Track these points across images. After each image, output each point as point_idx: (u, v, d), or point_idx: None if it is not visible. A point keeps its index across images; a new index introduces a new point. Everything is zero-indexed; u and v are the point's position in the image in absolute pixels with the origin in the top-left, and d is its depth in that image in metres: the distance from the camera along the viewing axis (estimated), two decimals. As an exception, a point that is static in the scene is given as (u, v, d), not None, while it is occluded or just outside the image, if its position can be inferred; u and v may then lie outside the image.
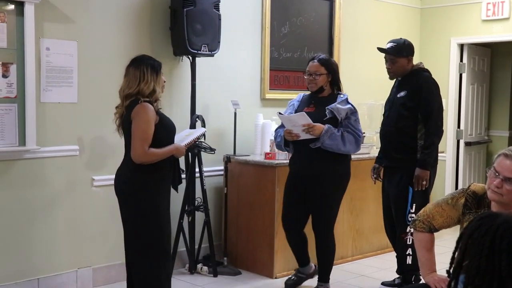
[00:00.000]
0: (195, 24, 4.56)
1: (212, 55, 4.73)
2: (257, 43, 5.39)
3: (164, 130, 3.46)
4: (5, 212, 3.98)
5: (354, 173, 5.17)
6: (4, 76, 3.90)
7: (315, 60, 4.15)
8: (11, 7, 3.89)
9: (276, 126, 5.17)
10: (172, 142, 3.52)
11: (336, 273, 4.91)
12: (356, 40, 6.24)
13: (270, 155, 4.80)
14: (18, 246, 4.04)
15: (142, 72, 3.41)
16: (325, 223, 4.19)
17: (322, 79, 4.11)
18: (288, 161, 4.78)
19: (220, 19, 4.71)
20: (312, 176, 4.10)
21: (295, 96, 5.55)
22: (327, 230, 4.20)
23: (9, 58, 3.91)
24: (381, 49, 4.41)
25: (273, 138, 4.94)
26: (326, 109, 4.01)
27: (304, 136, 4.00)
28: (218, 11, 4.71)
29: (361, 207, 5.37)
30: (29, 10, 3.91)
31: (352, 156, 5.25)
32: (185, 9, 4.49)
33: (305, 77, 4.18)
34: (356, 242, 5.36)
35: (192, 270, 4.76)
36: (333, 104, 4.02)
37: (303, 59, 5.76)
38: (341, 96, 4.13)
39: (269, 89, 5.49)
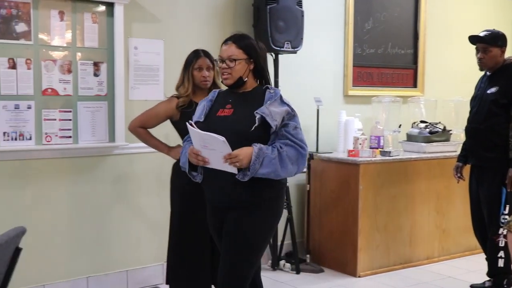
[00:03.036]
0: (278, 21, 4.56)
1: (295, 52, 4.72)
2: (340, 39, 5.34)
3: (184, 129, 3.13)
4: (96, 206, 4.13)
5: (440, 171, 5.08)
6: (96, 75, 4.04)
7: (229, 41, 2.88)
8: (102, 8, 4.04)
9: (360, 123, 5.14)
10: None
11: (422, 274, 4.81)
12: (443, 35, 6.06)
13: (353, 152, 4.74)
14: (108, 239, 4.18)
15: None
16: (235, 277, 2.78)
17: (240, 67, 2.81)
18: (372, 158, 4.73)
19: (303, 16, 4.69)
20: (229, 207, 2.80)
21: (379, 93, 5.51)
22: (236, 285, 2.79)
23: (100, 58, 4.06)
24: (474, 37, 4.23)
25: (357, 135, 4.90)
26: (255, 114, 2.69)
27: (216, 165, 2.69)
28: (301, 7, 4.70)
29: (447, 206, 5.21)
30: (118, 10, 4.04)
31: (439, 154, 5.17)
32: (268, 7, 4.51)
33: (218, 65, 2.95)
34: (443, 243, 5.20)
35: (275, 266, 4.77)
36: (263, 107, 2.71)
37: (387, 55, 5.66)
38: (271, 91, 2.83)
39: (352, 86, 5.43)
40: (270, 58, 4.75)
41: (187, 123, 2.72)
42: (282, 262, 4.79)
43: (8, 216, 3.73)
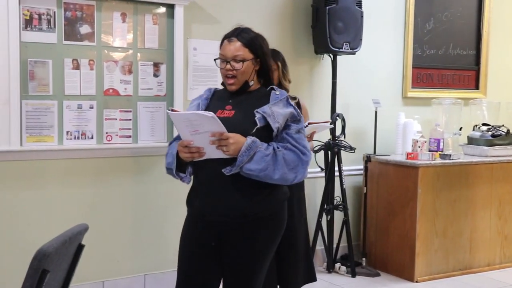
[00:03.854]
0: (337, 22, 4.53)
1: (353, 53, 4.67)
2: (399, 40, 5.26)
3: None
4: (154, 205, 4.20)
5: (503, 176, 4.93)
6: (155, 75, 4.11)
7: (233, 38, 2.52)
8: (163, 10, 4.10)
9: (419, 125, 5.04)
10: None
11: (483, 281, 4.68)
12: (508, 35, 5.87)
13: (412, 155, 4.66)
14: (165, 238, 4.22)
15: None
16: None
17: (247, 69, 2.51)
18: (431, 161, 4.63)
19: (362, 16, 4.64)
20: (228, 222, 2.46)
21: (439, 94, 5.40)
22: None
23: (160, 58, 4.12)
24: None
25: (415, 137, 4.81)
26: (255, 113, 2.42)
27: (212, 153, 2.37)
28: (361, 8, 4.64)
29: (510, 211, 5.05)
30: (178, 12, 4.10)
31: (501, 158, 5.01)
32: (327, 7, 4.48)
33: (219, 66, 2.57)
34: (505, 249, 5.04)
35: (330, 269, 4.74)
36: (265, 107, 2.44)
37: (448, 56, 5.54)
38: (276, 93, 2.53)
39: (411, 87, 5.33)
40: (328, 59, 4.74)
41: (167, 111, 2.35)
42: (337, 265, 4.75)
43: (71, 213, 3.84)
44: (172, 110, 2.36)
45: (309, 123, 3.40)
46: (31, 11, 3.68)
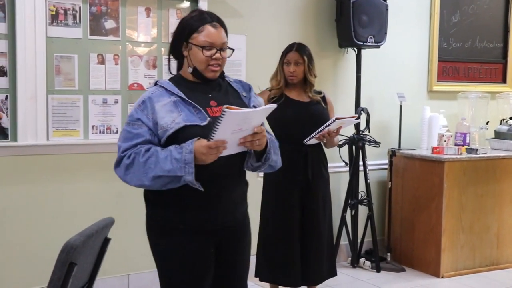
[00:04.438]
0: (362, 16, 4.49)
1: (378, 47, 4.63)
2: (424, 33, 5.20)
3: (275, 119, 3.34)
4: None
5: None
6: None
7: (216, 23, 2.25)
8: (187, 4, 4.11)
9: (444, 120, 4.99)
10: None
11: (510, 277, 4.63)
12: (535, 28, 5.78)
13: (438, 149, 4.61)
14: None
15: None
16: None
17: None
18: (457, 156, 4.57)
19: (387, 10, 4.60)
20: (232, 227, 2.30)
21: (465, 88, 5.32)
22: None
23: (184, 53, 4.12)
24: None
25: (441, 131, 4.76)
26: (253, 107, 2.30)
27: (229, 150, 2.08)
28: (385, 1, 4.60)
29: (538, 207, 4.98)
30: (202, 6, 4.09)
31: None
32: (351, 1, 4.45)
33: (205, 54, 2.19)
34: (532, 245, 4.98)
35: (354, 264, 4.71)
36: (253, 99, 2.35)
37: (474, 49, 5.47)
38: (231, 80, 2.39)
39: (437, 81, 5.27)
40: (352, 53, 4.70)
41: (223, 110, 1.92)
42: (362, 260, 4.72)
43: (97, 207, 3.87)
44: (228, 108, 1.95)
45: (336, 118, 3.37)
46: (57, 7, 3.71)
